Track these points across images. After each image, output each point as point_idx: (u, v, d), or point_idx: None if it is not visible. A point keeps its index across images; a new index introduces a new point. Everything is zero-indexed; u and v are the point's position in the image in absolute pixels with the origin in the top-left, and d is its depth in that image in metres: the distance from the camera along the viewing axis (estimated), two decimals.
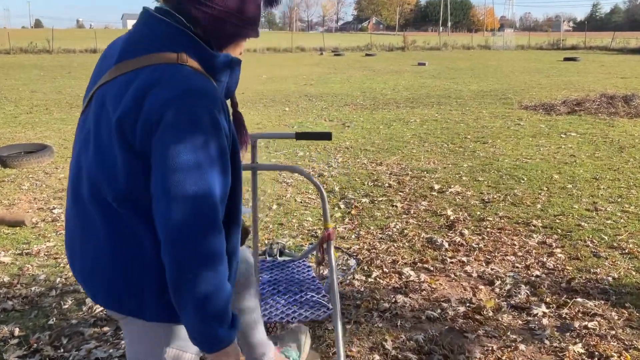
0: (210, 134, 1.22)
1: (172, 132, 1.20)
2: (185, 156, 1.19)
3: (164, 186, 1.20)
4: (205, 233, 1.21)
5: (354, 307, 3.11)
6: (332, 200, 5.07)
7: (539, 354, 2.70)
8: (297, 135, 1.93)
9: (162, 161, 1.20)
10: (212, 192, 1.21)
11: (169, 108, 1.20)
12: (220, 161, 1.24)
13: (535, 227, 4.33)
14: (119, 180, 1.28)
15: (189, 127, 1.20)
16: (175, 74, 1.26)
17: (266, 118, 9.75)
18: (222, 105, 1.28)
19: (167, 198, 1.19)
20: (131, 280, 1.33)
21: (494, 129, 8.49)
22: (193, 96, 1.22)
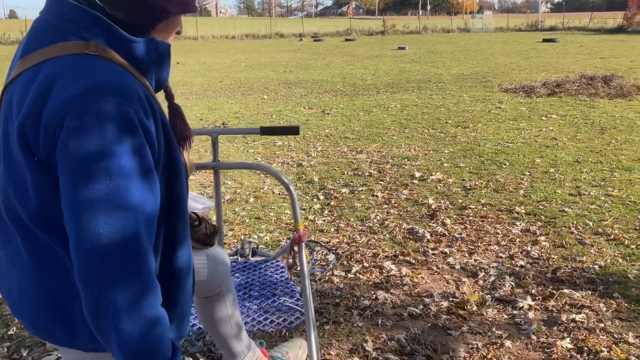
0: (124, 138, 1.02)
1: (75, 139, 1.00)
2: (92, 168, 1.00)
3: (72, 206, 1.01)
4: (125, 260, 1.01)
5: (333, 305, 2.98)
6: (311, 191, 4.92)
7: (526, 350, 2.59)
8: (262, 130, 1.77)
9: (66, 175, 1.01)
10: (130, 209, 1.02)
11: (71, 109, 1.01)
12: (140, 170, 1.04)
13: (519, 214, 4.23)
14: (30, 198, 1.10)
15: (96, 132, 1.00)
16: (80, 66, 1.07)
17: (244, 107, 9.55)
18: (143, 102, 1.09)
19: (75, 221, 1.00)
20: (59, 308, 1.17)
21: (475, 113, 8.38)
22: (100, 92, 1.03)
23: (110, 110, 1.02)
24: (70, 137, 1.00)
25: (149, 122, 1.09)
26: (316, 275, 3.31)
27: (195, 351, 2.56)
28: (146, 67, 1.18)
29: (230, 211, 4.48)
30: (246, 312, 2.27)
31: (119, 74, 1.09)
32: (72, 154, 1.00)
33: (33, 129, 1.05)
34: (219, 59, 20.05)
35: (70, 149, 1.00)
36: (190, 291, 1.30)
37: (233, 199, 4.77)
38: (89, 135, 1.00)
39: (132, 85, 1.09)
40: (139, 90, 1.09)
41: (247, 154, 6.35)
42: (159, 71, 1.23)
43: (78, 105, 1.01)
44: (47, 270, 1.16)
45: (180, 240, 1.23)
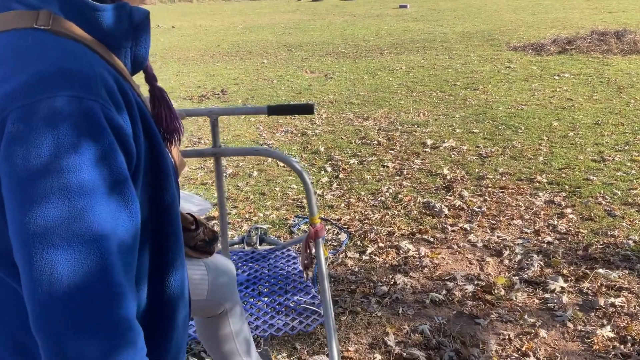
0: (86, 144, 0.75)
1: (21, 148, 0.73)
2: (45, 186, 0.72)
3: (21, 236, 0.73)
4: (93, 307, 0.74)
5: (348, 292, 2.74)
6: (318, 163, 4.64)
7: (563, 340, 2.36)
8: (270, 109, 1.49)
9: (12, 195, 0.74)
10: (98, 237, 0.75)
11: (13, 108, 0.74)
12: (109, 183, 0.77)
13: (540, 183, 3.96)
14: None
15: (47, 137, 0.73)
16: (25, 47, 0.79)
17: (243, 72, 9.18)
18: (112, 92, 0.80)
19: (26, 256, 0.73)
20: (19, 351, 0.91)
21: (484, 74, 8.03)
22: (51, 84, 0.75)
23: (66, 108, 0.74)
24: (13, 145, 0.73)
25: (122, 118, 0.81)
26: (329, 257, 3.07)
27: (200, 350, 2.34)
28: (118, 43, 0.89)
29: (232, 187, 4.21)
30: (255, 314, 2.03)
31: (78, 55, 0.80)
32: (17, 167, 0.73)
33: None
34: (216, 22, 19.49)
35: (15, 162, 0.73)
36: (185, 322, 1.04)
37: (235, 172, 4.50)
38: (38, 142, 0.73)
39: (97, 70, 0.80)
40: (106, 77, 0.81)
41: (248, 122, 6.05)
42: (135, 47, 0.93)
43: (22, 102, 0.74)
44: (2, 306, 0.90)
45: (172, 260, 0.96)
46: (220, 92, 7.63)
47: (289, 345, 2.36)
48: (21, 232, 0.73)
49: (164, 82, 8.60)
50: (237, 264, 2.36)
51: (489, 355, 2.26)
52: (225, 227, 1.65)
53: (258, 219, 3.62)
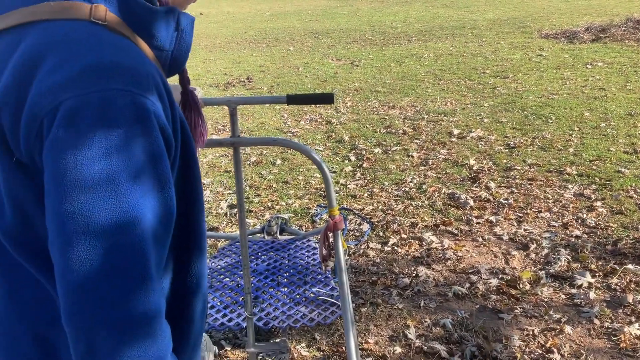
0: (138, 140, 0.75)
1: (70, 135, 0.72)
2: (90, 171, 0.72)
3: (59, 220, 0.73)
4: (125, 292, 0.74)
5: (369, 283, 2.72)
6: (342, 152, 4.61)
7: (589, 337, 2.30)
8: (289, 99, 1.46)
9: (55, 181, 0.73)
10: (137, 223, 0.75)
11: (67, 96, 0.73)
12: (152, 172, 0.77)
13: (570, 175, 3.86)
14: (4, 210, 0.82)
15: (97, 125, 0.73)
16: (81, 38, 0.78)
17: (269, 59, 9.16)
18: (161, 92, 0.81)
19: (63, 239, 0.73)
20: (40, 344, 0.91)
21: (514, 62, 7.86)
22: (108, 76, 0.75)
23: (121, 102, 0.74)
24: (63, 134, 0.72)
25: (166, 116, 0.81)
26: (350, 248, 3.04)
27: (220, 337, 2.34)
28: (162, 45, 0.89)
29: (256, 174, 4.21)
30: (274, 304, 2.02)
31: (132, 52, 0.80)
32: (65, 156, 0.72)
33: (11, 118, 0.76)
34: (243, 9, 19.48)
35: (63, 150, 0.72)
36: (203, 315, 1.03)
37: (259, 161, 4.49)
38: (89, 133, 0.72)
39: (148, 68, 0.80)
40: (156, 77, 0.81)
41: (273, 110, 6.04)
42: (177, 51, 0.93)
43: (77, 91, 0.73)
44: (22, 296, 0.90)
45: (195, 255, 0.97)
46: (245, 80, 7.63)
47: (309, 335, 2.35)
48: (60, 217, 0.73)
49: (191, 69, 8.64)
50: (257, 253, 2.35)
51: (512, 350, 2.22)
52: (243, 216, 1.64)
53: (280, 207, 3.61)
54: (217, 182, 4.14)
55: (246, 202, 3.72)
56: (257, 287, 2.12)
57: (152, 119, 0.77)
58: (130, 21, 0.85)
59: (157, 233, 0.79)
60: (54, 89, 0.74)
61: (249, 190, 3.93)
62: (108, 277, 0.73)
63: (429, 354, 2.23)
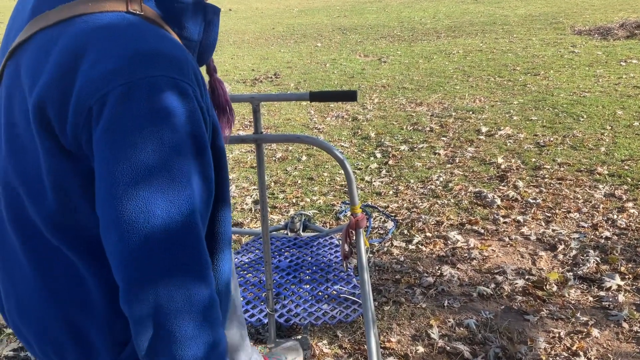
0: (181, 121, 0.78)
1: (121, 125, 0.76)
2: (144, 161, 0.76)
3: (116, 209, 0.77)
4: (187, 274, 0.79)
5: (393, 282, 2.70)
6: (367, 149, 4.59)
7: (617, 341, 2.25)
8: (312, 96, 1.46)
9: (108, 171, 0.77)
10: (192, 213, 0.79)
11: (114, 85, 0.76)
12: (198, 159, 0.81)
13: (601, 175, 3.78)
14: (47, 195, 0.85)
15: (147, 114, 0.76)
16: (121, 28, 0.81)
17: (297, 55, 9.17)
18: (198, 78, 0.84)
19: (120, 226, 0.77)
20: (73, 332, 0.93)
21: (546, 59, 7.71)
22: (152, 64, 0.78)
23: (165, 88, 0.77)
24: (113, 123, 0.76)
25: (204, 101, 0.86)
26: (374, 245, 3.03)
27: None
28: (191, 35, 0.93)
29: (281, 171, 4.22)
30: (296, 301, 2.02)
31: (171, 41, 0.83)
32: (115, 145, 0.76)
33: (58, 108, 0.79)
34: (272, 5, 19.53)
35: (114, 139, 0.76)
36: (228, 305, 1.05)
37: (284, 157, 4.50)
38: (138, 119, 0.75)
39: (187, 56, 0.84)
40: (193, 64, 0.85)
41: (299, 106, 6.04)
42: (205, 41, 0.96)
43: (124, 80, 0.76)
44: (55, 283, 0.93)
45: (224, 242, 0.99)
46: (273, 76, 7.65)
47: (330, 333, 2.35)
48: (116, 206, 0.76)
49: (219, 65, 8.70)
50: (280, 249, 2.36)
51: (537, 353, 2.18)
52: (265, 213, 1.64)
53: (305, 204, 3.61)
54: (243, 177, 4.16)
55: (271, 198, 3.74)
56: (279, 284, 2.12)
57: (195, 105, 0.80)
58: (161, 13, 0.88)
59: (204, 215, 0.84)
60: (101, 78, 0.77)
61: (274, 186, 3.94)
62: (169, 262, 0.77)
63: (452, 354, 2.20)
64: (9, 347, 2.35)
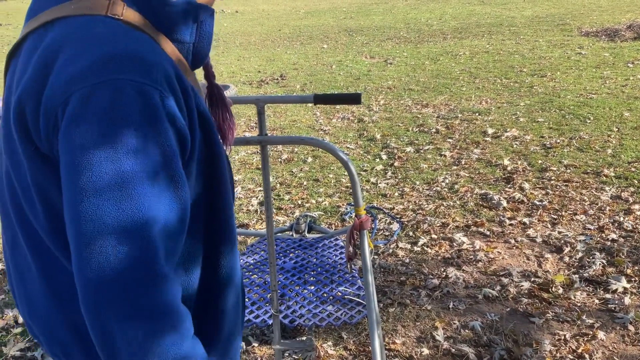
0: (143, 131, 0.76)
1: (81, 128, 0.75)
2: (100, 167, 0.74)
3: (73, 217, 0.76)
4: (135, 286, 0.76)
5: (398, 283, 2.70)
6: (373, 150, 4.59)
7: (622, 344, 2.24)
8: (316, 98, 1.46)
9: (68, 176, 0.76)
10: (145, 222, 0.77)
11: (76, 88, 0.75)
12: (163, 169, 0.79)
13: (607, 177, 3.76)
14: (36, 208, 0.86)
15: (107, 119, 0.74)
16: (94, 31, 0.80)
17: (303, 57, 9.18)
18: (172, 83, 0.82)
19: (77, 236, 0.76)
20: (76, 333, 0.94)
21: (553, 60, 7.69)
22: (115, 66, 0.76)
23: (126, 92, 0.75)
24: (72, 126, 0.75)
25: (179, 107, 0.82)
26: (379, 247, 3.03)
27: (248, 334, 2.36)
28: (182, 37, 0.91)
29: (287, 172, 4.23)
30: (300, 302, 2.03)
31: (143, 44, 0.81)
32: (72, 149, 0.75)
33: (33, 111, 0.80)
34: (278, 6, 19.56)
35: (72, 142, 0.75)
36: (237, 308, 1.05)
37: (290, 158, 4.51)
38: (95, 124, 0.74)
39: (159, 59, 0.81)
40: (167, 67, 0.82)
41: (305, 108, 6.05)
42: (198, 43, 0.94)
43: (84, 84, 0.75)
44: (58, 286, 0.93)
45: (224, 246, 0.98)
46: (279, 77, 7.66)
47: (335, 334, 2.35)
48: (73, 213, 0.76)
49: (226, 67, 8.72)
50: (285, 251, 2.37)
51: (542, 355, 2.18)
52: (270, 214, 1.64)
53: (311, 205, 3.62)
54: (249, 179, 4.17)
55: (276, 200, 3.74)
56: (284, 285, 2.13)
57: (160, 112, 0.78)
58: (149, 17, 0.87)
59: (168, 229, 0.80)
60: (66, 82, 0.76)
61: (280, 187, 3.95)
62: (121, 276, 0.75)
63: (457, 356, 2.20)
64: (16, 347, 2.37)
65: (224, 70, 8.41)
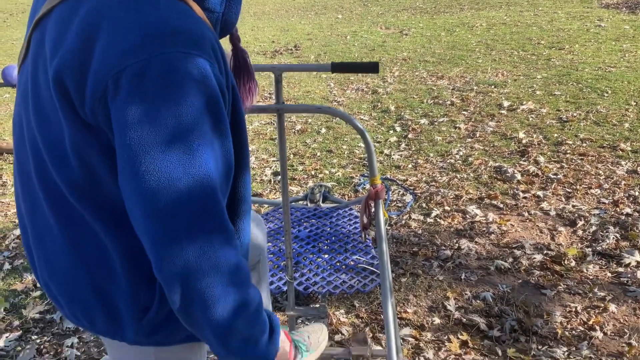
0: (197, 94, 0.79)
1: (138, 99, 0.77)
2: (162, 134, 0.78)
3: (135, 181, 0.79)
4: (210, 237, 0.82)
5: (410, 254, 2.72)
6: (387, 122, 4.57)
7: (634, 317, 2.25)
8: (334, 67, 1.46)
9: (127, 144, 0.79)
10: (209, 180, 0.82)
11: (130, 62, 0.77)
12: (216, 131, 0.83)
13: (624, 151, 3.73)
14: (70, 163, 0.88)
15: (163, 89, 0.77)
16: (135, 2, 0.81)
17: (317, 27, 9.09)
18: (213, 49, 0.85)
19: (143, 198, 0.80)
20: (97, 292, 0.97)
21: (571, 32, 7.55)
22: (168, 40, 0.79)
23: (180, 64, 0.78)
24: (130, 97, 0.77)
25: (222, 74, 0.86)
26: (392, 218, 3.05)
27: None
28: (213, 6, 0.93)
29: (300, 143, 4.23)
30: (314, 270, 2.05)
31: (188, 14, 0.84)
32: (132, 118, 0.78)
33: (76, 80, 0.82)
34: None
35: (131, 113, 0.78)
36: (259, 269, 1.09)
37: (304, 129, 4.51)
38: (155, 93, 0.77)
39: (206, 31, 0.84)
40: (212, 38, 0.86)
41: (319, 79, 6.02)
42: (228, 12, 0.97)
43: (138, 57, 0.77)
44: (82, 248, 0.96)
45: (243, 206, 1.02)
46: (293, 48, 7.61)
47: (348, 302, 2.38)
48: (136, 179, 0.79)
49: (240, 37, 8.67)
50: (300, 220, 2.39)
51: (552, 326, 2.20)
52: (285, 183, 1.66)
53: (324, 176, 3.63)
54: (262, 149, 4.18)
55: (290, 170, 3.76)
56: (299, 253, 2.15)
57: (211, 79, 0.81)
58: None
59: (222, 183, 0.86)
60: (118, 55, 0.78)
61: (293, 158, 3.96)
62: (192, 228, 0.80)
63: (468, 326, 2.23)
64: (35, 310, 2.43)
65: None
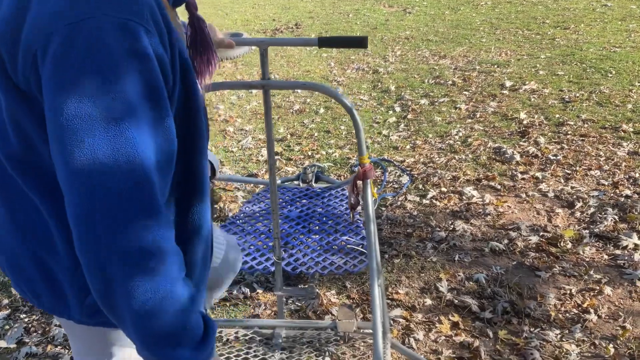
0: (128, 65, 0.73)
1: (65, 67, 0.72)
2: (88, 106, 0.72)
3: (62, 154, 0.74)
4: (133, 221, 0.76)
5: (404, 235, 2.69)
6: (387, 102, 4.51)
7: (629, 300, 2.22)
8: (320, 41, 1.41)
9: (54, 114, 0.74)
10: (138, 157, 0.75)
11: (58, 27, 0.72)
12: (150, 104, 0.76)
13: (626, 133, 3.67)
14: (9, 134, 0.84)
15: (91, 57, 0.72)
16: None
17: (319, 5, 8.97)
18: (157, 19, 0.79)
19: (68, 173, 0.74)
20: (42, 270, 0.94)
21: (577, 12, 7.43)
22: (97, 4, 0.73)
23: (111, 29, 0.72)
24: (57, 65, 0.72)
25: (162, 44, 0.79)
26: (387, 199, 3.01)
27: (252, 280, 2.38)
28: None
29: (298, 123, 4.19)
30: (304, 251, 2.03)
31: None
32: (59, 87, 0.72)
33: (9, 48, 0.77)
34: None
35: (57, 81, 0.72)
36: (206, 260, 1.03)
37: (302, 109, 4.46)
38: (81, 61, 0.72)
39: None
40: (152, 3, 0.79)
41: (319, 58, 5.95)
42: None
43: (67, 21, 0.72)
44: (22, 221, 0.93)
45: (194, 197, 0.96)
46: (294, 26, 7.51)
47: (339, 283, 2.36)
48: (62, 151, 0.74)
49: (240, 15, 8.56)
50: (291, 200, 2.36)
51: (546, 309, 2.17)
52: (272, 162, 1.62)
53: (321, 156, 3.59)
54: (259, 129, 4.14)
55: (287, 150, 3.72)
56: (288, 233, 2.13)
57: (147, 47, 0.75)
58: None
59: (159, 164, 0.79)
60: (46, 19, 0.73)
61: (290, 138, 3.92)
62: (115, 209, 0.75)
63: (460, 307, 2.20)
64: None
65: (237, 19, 8.26)
